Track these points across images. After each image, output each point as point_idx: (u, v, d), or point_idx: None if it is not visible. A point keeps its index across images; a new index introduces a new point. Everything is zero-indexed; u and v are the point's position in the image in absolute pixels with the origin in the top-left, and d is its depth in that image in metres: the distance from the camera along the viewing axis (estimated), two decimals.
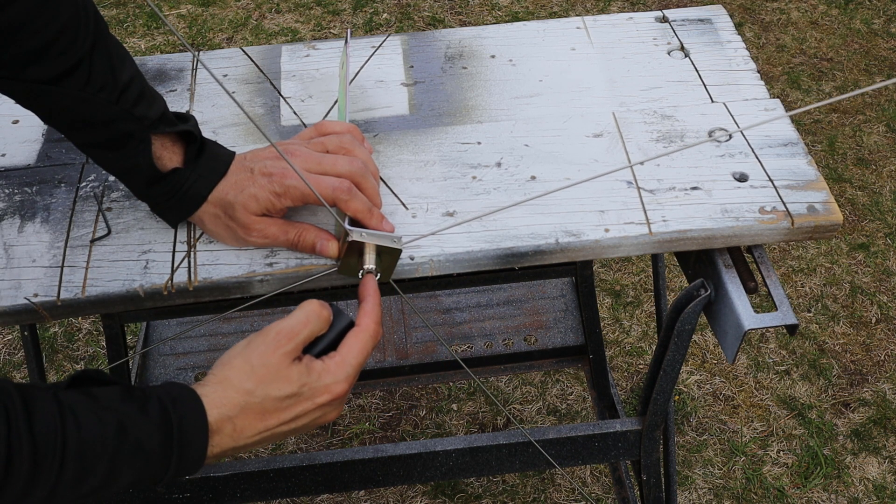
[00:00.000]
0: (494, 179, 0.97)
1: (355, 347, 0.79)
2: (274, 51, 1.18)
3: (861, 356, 2.03)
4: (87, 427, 0.66)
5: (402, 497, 1.81)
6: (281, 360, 0.76)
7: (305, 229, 0.89)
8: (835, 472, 1.83)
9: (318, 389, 0.77)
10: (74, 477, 0.65)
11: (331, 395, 0.77)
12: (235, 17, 3.04)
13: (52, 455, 0.64)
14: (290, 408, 0.76)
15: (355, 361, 0.79)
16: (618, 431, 1.19)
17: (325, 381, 0.77)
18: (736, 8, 3.01)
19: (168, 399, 0.71)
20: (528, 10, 3.04)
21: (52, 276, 0.89)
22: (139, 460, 0.69)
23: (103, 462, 0.67)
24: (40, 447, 0.63)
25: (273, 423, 0.76)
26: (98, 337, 2.10)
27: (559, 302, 1.73)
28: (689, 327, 0.99)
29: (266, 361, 0.75)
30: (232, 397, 0.74)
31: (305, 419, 0.78)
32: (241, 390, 0.74)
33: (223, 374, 0.75)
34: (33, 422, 0.63)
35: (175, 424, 0.70)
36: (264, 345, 0.76)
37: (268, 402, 0.75)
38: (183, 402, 0.71)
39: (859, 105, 2.64)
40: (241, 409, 0.74)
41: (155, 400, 0.70)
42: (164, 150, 0.86)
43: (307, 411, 0.77)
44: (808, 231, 0.92)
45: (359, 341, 0.79)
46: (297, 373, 0.76)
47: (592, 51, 1.15)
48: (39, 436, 0.63)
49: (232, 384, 0.74)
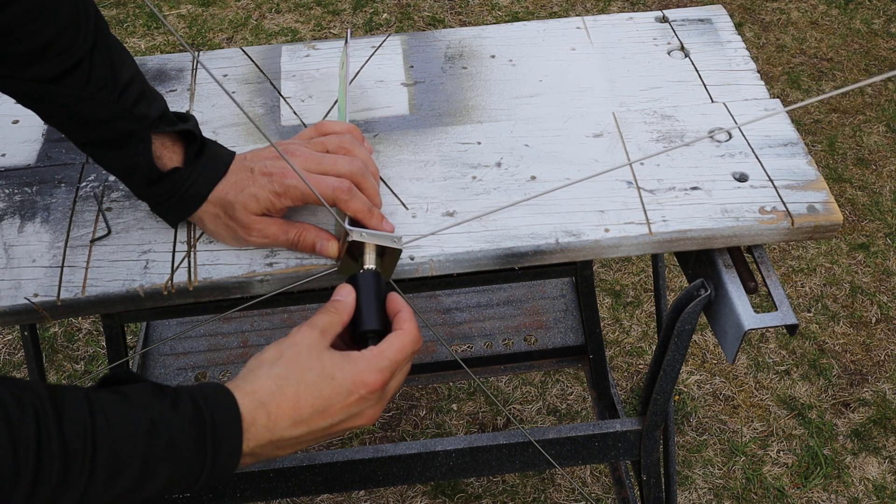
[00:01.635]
0: (494, 179, 0.97)
1: (395, 344, 0.78)
2: (274, 51, 1.18)
3: (861, 356, 2.03)
4: (118, 425, 0.65)
5: (402, 497, 1.81)
6: (311, 345, 0.76)
7: (305, 229, 0.89)
8: (835, 472, 1.83)
9: (351, 376, 0.75)
10: (107, 476, 0.65)
11: (365, 387, 0.76)
12: (235, 17, 3.04)
13: (83, 455, 0.63)
14: (323, 393, 0.74)
15: (394, 357, 0.78)
16: (618, 431, 1.19)
17: (359, 368, 0.76)
18: (736, 8, 3.01)
19: (200, 396, 0.70)
20: (528, 10, 3.04)
21: (52, 276, 0.89)
22: (173, 458, 0.68)
23: (136, 461, 0.66)
24: (70, 447, 0.63)
25: (307, 412, 0.74)
26: (98, 337, 2.10)
27: (559, 302, 1.73)
28: (689, 327, 0.99)
29: (296, 348, 0.75)
30: (263, 383, 0.73)
31: (340, 413, 0.76)
32: (272, 375, 0.74)
33: (254, 363, 0.75)
34: (63, 422, 0.63)
35: (208, 420, 0.69)
36: (291, 336, 0.77)
37: (301, 385, 0.74)
38: (214, 398, 0.71)
39: (859, 105, 2.64)
40: (272, 395, 0.73)
41: (186, 397, 0.70)
42: (165, 149, 0.87)
43: (342, 402, 0.75)
44: (808, 231, 0.92)
45: (399, 340, 0.79)
46: (328, 356, 0.76)
47: (592, 51, 1.15)
48: (69, 436, 0.63)
49: (262, 371, 0.74)
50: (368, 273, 0.83)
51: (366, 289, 0.82)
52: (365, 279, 0.83)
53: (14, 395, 0.62)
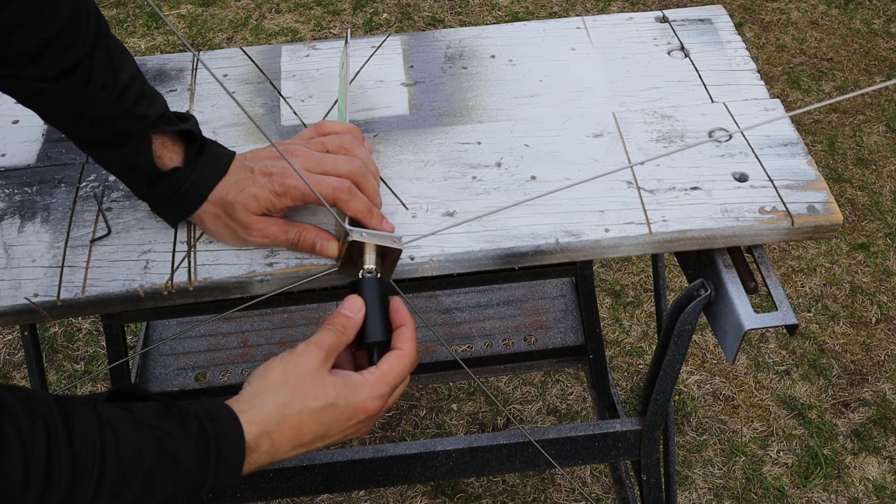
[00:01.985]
0: (494, 179, 0.97)
1: (396, 368, 0.79)
2: (274, 51, 1.18)
3: (861, 356, 2.03)
4: (126, 442, 0.67)
5: (402, 497, 1.81)
6: (316, 370, 0.76)
7: (305, 229, 0.89)
8: (835, 472, 1.83)
9: (353, 403, 0.77)
10: (111, 491, 0.66)
11: (365, 413, 0.78)
12: (235, 17, 3.04)
13: (91, 469, 0.64)
14: (325, 420, 0.76)
15: (394, 382, 0.79)
16: (618, 431, 1.19)
17: (361, 396, 0.77)
18: (736, 8, 3.01)
19: (206, 417, 0.71)
20: (528, 10, 3.04)
21: (52, 276, 0.89)
22: (176, 476, 0.69)
23: (141, 477, 0.67)
24: (80, 461, 0.64)
25: (308, 438, 0.76)
26: (98, 337, 2.10)
27: (559, 302, 1.73)
28: (689, 327, 0.99)
29: (301, 372, 0.76)
30: (269, 412, 0.74)
31: (338, 435, 0.78)
32: (278, 403, 0.75)
33: (260, 386, 0.76)
34: (73, 436, 0.64)
35: (213, 442, 0.70)
36: (297, 356, 0.77)
37: (304, 414, 0.75)
38: (220, 421, 0.72)
39: (859, 105, 2.64)
40: (277, 423, 0.74)
41: (193, 417, 0.71)
42: (165, 149, 0.86)
43: (341, 426, 0.77)
44: (808, 231, 0.92)
45: (399, 363, 0.80)
46: (332, 383, 0.76)
47: (592, 51, 1.15)
48: (79, 450, 0.64)
49: (269, 397, 0.75)
50: (373, 281, 0.83)
51: (371, 299, 0.82)
52: (370, 288, 0.82)
53: (24, 407, 0.63)
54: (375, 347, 0.81)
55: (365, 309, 0.82)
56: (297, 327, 1.69)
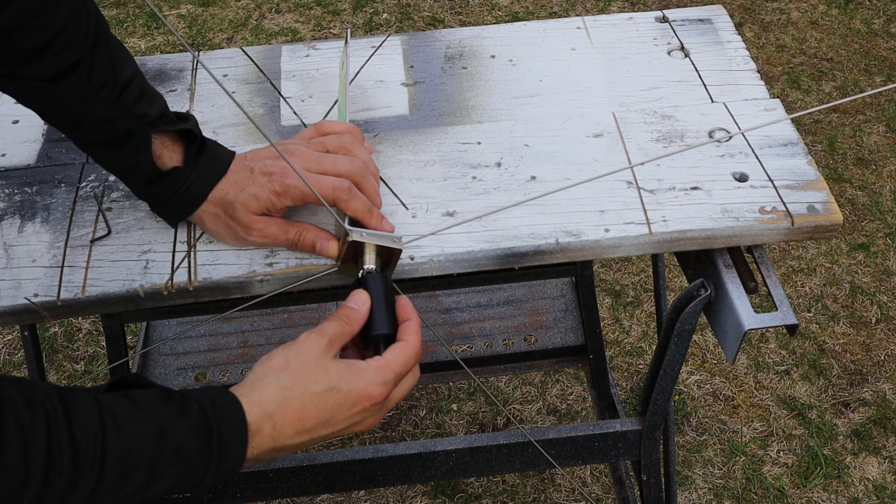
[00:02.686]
0: (494, 179, 0.97)
1: (401, 358, 0.79)
2: (274, 51, 1.18)
3: (861, 356, 2.03)
4: (127, 430, 0.66)
5: (402, 497, 1.81)
6: (318, 355, 0.76)
7: (305, 229, 0.89)
8: (835, 472, 1.83)
9: (356, 388, 0.76)
10: (115, 480, 0.65)
11: (369, 400, 0.77)
12: (235, 17, 3.04)
13: (93, 458, 0.64)
14: (328, 405, 0.75)
15: (399, 370, 0.78)
16: (618, 431, 1.19)
17: (364, 381, 0.76)
18: (736, 8, 3.01)
19: (207, 402, 0.71)
20: (528, 10, 3.04)
21: (52, 276, 0.89)
22: (179, 463, 0.69)
23: (143, 465, 0.67)
24: (80, 450, 0.63)
25: (311, 423, 0.75)
26: (98, 337, 2.10)
27: (559, 302, 1.73)
28: (689, 327, 0.99)
29: (303, 357, 0.76)
30: (271, 394, 0.74)
31: (342, 423, 0.77)
32: (279, 386, 0.74)
33: (261, 371, 0.76)
34: (73, 425, 0.64)
35: (214, 427, 0.70)
36: (299, 343, 0.77)
37: (306, 397, 0.74)
38: (222, 405, 0.72)
39: (859, 105, 2.64)
40: (279, 406, 0.74)
41: (194, 403, 0.70)
42: (164, 148, 0.87)
43: (346, 413, 0.77)
44: (808, 231, 0.92)
45: (404, 353, 0.79)
46: (335, 368, 0.76)
47: (592, 51, 1.15)
48: (79, 439, 0.64)
49: (270, 380, 0.74)
50: (377, 275, 0.83)
51: (376, 292, 0.82)
52: (375, 282, 0.83)
53: (25, 397, 0.63)
54: (381, 340, 0.81)
55: (370, 303, 0.81)
56: (297, 327, 1.69)
